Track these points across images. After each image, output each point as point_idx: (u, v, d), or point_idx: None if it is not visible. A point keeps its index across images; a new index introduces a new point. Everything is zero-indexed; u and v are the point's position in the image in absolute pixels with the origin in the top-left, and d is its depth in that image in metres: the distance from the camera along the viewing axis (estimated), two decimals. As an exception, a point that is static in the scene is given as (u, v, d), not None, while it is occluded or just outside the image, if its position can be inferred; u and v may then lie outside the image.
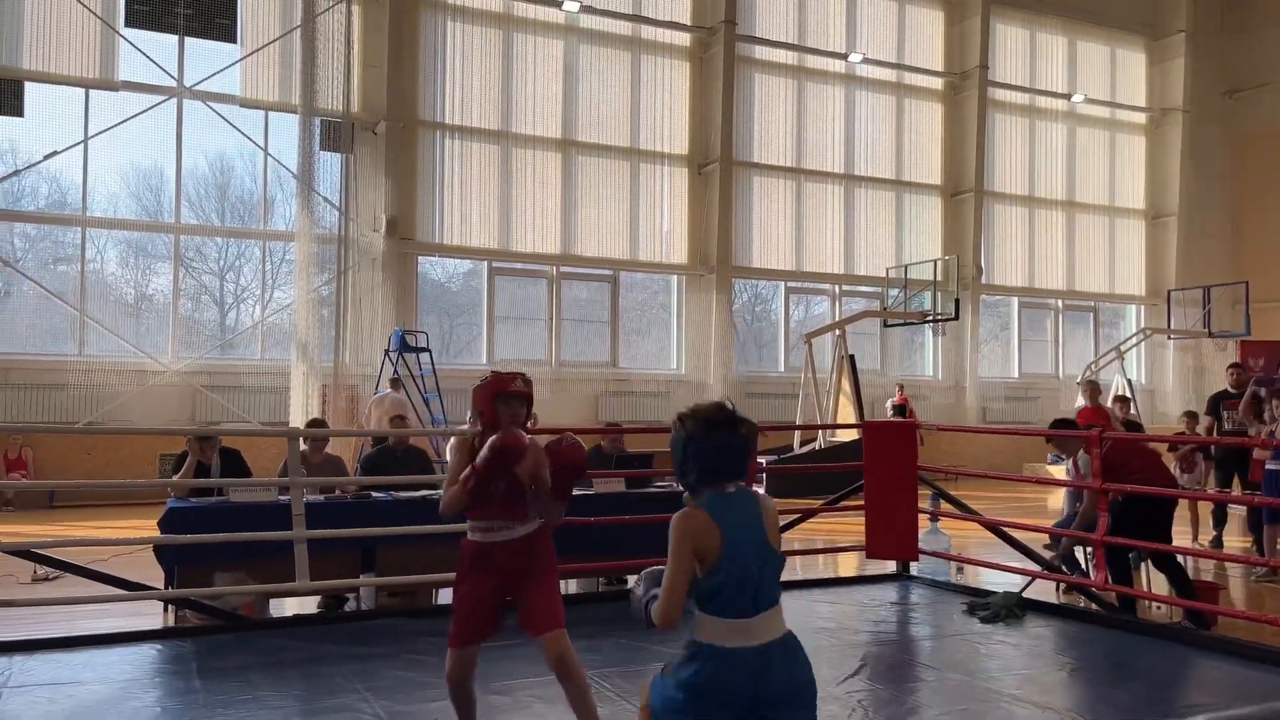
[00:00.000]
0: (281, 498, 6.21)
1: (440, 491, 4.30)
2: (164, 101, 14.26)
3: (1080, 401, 11.01)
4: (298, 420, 13.19)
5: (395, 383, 13.31)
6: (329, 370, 13.86)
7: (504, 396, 3.52)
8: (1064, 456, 7.58)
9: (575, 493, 7.03)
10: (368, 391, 14.07)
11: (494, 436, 3.38)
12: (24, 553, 6.23)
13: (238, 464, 6.92)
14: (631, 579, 7.47)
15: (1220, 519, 9.44)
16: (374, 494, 6.79)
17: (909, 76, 19.68)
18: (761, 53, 18.30)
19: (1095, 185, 21.68)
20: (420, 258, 16.07)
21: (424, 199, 15.87)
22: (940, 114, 20.04)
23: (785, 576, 7.84)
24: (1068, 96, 21.10)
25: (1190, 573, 7.62)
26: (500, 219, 16.44)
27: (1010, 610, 6.23)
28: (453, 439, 3.94)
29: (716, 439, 2.54)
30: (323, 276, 14.31)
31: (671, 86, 17.75)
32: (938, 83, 19.97)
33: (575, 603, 6.75)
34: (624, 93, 17.38)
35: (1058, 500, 9.90)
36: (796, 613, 6.47)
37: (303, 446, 6.89)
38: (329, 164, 14.67)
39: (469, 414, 3.21)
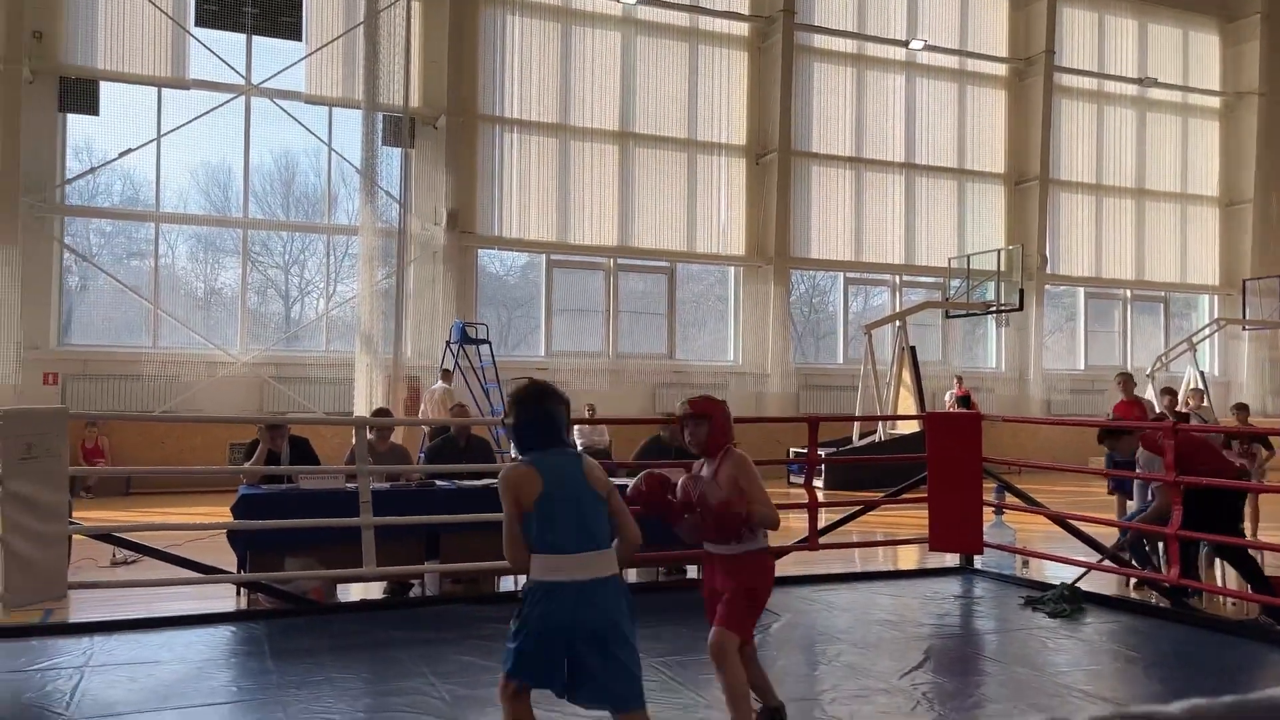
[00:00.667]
0: (349, 485, 6.35)
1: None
2: (233, 99, 14.60)
3: (1117, 395, 10.71)
4: (361, 410, 13.43)
5: (446, 375, 13.48)
6: (391, 362, 14.09)
7: None
8: (1118, 456, 7.32)
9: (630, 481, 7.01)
10: (429, 382, 14.28)
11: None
12: (104, 537, 6.45)
13: (306, 452, 7.08)
14: (691, 569, 7.49)
15: (1298, 514, 9.15)
16: (438, 483, 6.90)
17: (972, 63, 19.33)
18: (820, 41, 18.12)
19: (1166, 172, 21.09)
20: (480, 251, 16.25)
21: (483, 192, 16.04)
22: (1004, 101, 19.66)
23: (844, 569, 7.81)
24: (1138, 81, 20.55)
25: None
26: (558, 212, 16.54)
27: (1068, 601, 6.14)
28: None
29: (538, 410, 3.04)
30: (385, 270, 14.54)
31: (729, 77, 17.67)
32: (1002, 69, 19.58)
33: (636, 592, 6.80)
34: (681, 84, 17.35)
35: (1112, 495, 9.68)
36: (857, 605, 6.45)
37: (369, 435, 7.03)
38: (391, 159, 14.89)
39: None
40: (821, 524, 7.29)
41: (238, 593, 6.50)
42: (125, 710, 4.16)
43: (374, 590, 6.85)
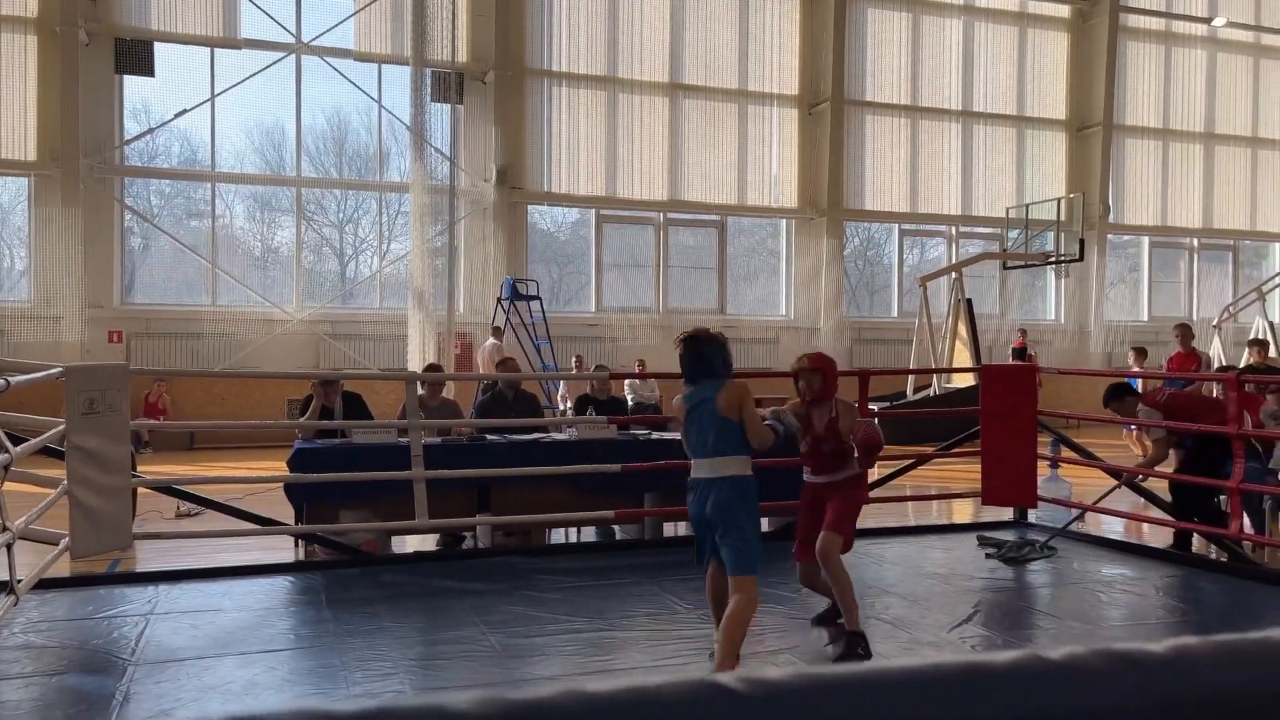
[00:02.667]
0: (401, 439, 6.44)
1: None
2: (284, 58, 14.69)
3: (1174, 348, 10.40)
4: (415, 366, 13.61)
5: (497, 331, 13.59)
6: (444, 318, 14.22)
7: None
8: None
9: (668, 437, 7.02)
10: (482, 339, 14.40)
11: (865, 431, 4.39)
12: (166, 490, 6.64)
13: (359, 407, 7.19)
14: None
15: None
16: (489, 437, 6.98)
17: (1033, 5, 18.69)
18: (876, -14, 17.65)
19: (1237, 116, 20.27)
20: (532, 208, 16.25)
21: (532, 148, 15.99)
22: (1066, 44, 19.00)
23: (897, 523, 7.75)
24: (1208, 21, 19.70)
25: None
26: (607, 166, 16.44)
27: (1028, 552, 6.27)
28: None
29: (693, 350, 3.89)
30: (436, 227, 14.62)
31: (780, 25, 17.31)
32: (1064, 10, 18.91)
33: (686, 545, 6.83)
34: (732, 33, 17.04)
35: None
36: (908, 558, 6.41)
37: (420, 390, 7.11)
38: (440, 115, 14.89)
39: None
40: (873, 478, 7.23)
41: (295, 544, 6.66)
42: (188, 656, 4.30)
43: (428, 543, 6.98)
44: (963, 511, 8.47)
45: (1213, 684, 0.54)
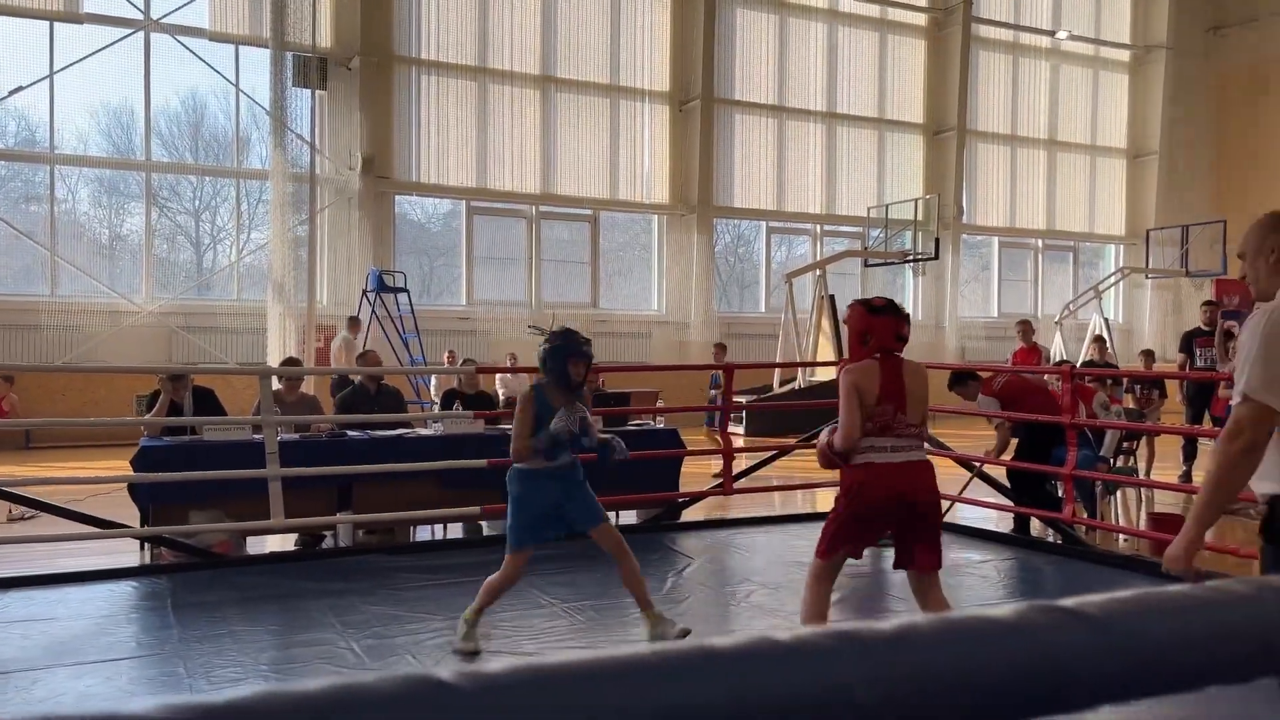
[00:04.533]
0: (255, 436, 6.20)
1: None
2: (130, 35, 13.90)
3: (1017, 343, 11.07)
4: (274, 360, 13.10)
5: (353, 323, 13.17)
6: (305, 311, 13.75)
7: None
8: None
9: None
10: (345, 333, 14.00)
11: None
12: (-2, 492, 6.20)
13: (211, 403, 6.88)
14: (609, 515, 7.54)
15: (1189, 454, 9.57)
16: (350, 433, 6.79)
17: (892, 12, 19.39)
18: (743, -13, 17.97)
19: (1078, 124, 21.56)
20: (399, 198, 15.88)
21: (400, 137, 15.63)
22: (924, 51, 19.80)
23: (764, 512, 7.89)
24: (1052, 33, 20.87)
25: (1154, 506, 7.75)
26: (478, 158, 16.22)
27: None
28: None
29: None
30: (299, 216, 14.12)
31: (652, 22, 17.43)
32: (921, 19, 19.69)
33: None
34: (604, 28, 17.06)
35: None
36: (773, 547, 6.57)
37: (277, 385, 6.86)
38: (302, 101, 14.38)
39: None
40: (738, 468, 7.38)
41: (141, 548, 6.32)
42: (15, 668, 4.02)
43: (286, 544, 6.74)
44: (827, 501, 8.74)
45: (933, 660, 0.57)
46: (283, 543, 6.72)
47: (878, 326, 3.69)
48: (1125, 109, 22.02)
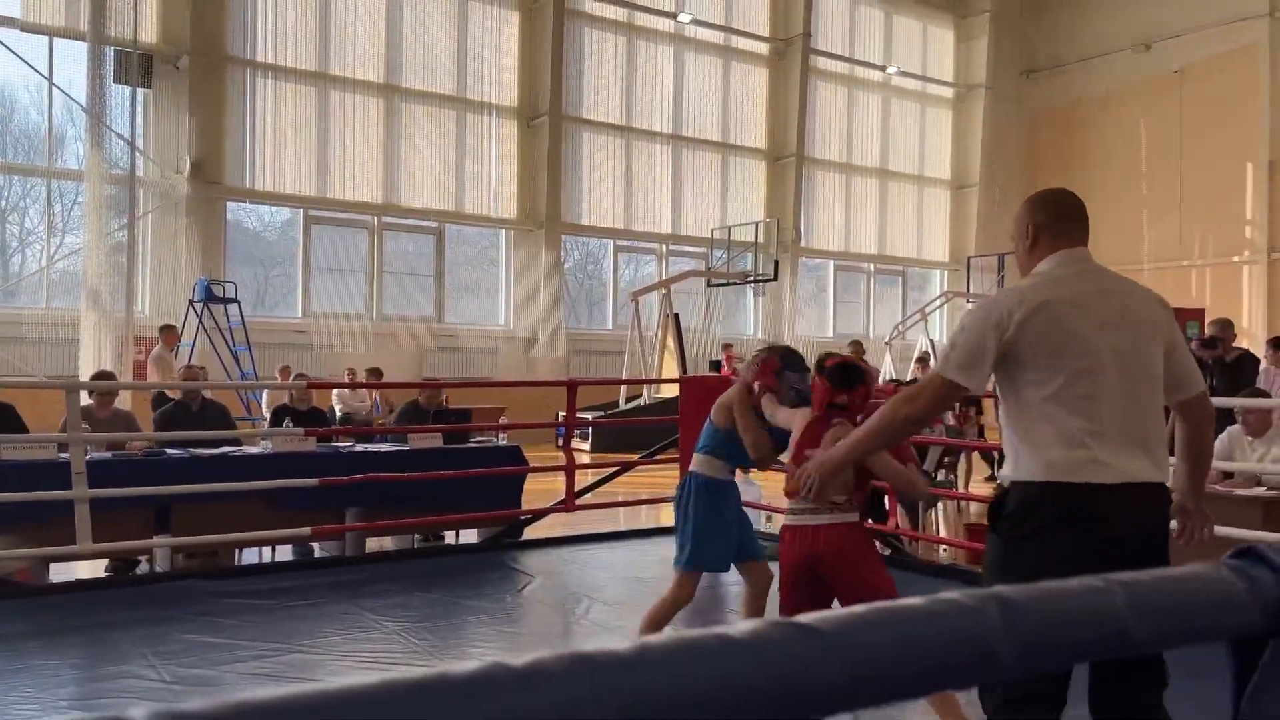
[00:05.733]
0: (62, 455, 5.76)
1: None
2: (-73, 19, 12.77)
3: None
4: (88, 373, 12.24)
5: (167, 332, 12.00)
6: (123, 321, 12.92)
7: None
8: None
9: (390, 449, 6.86)
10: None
11: None
12: None
13: (10, 419, 6.36)
14: (449, 535, 7.39)
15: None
16: (169, 451, 6.40)
17: (736, 40, 20.00)
18: (592, 6, 18.13)
19: (906, 155, 22.78)
20: (232, 205, 15.18)
21: (233, 141, 14.94)
22: (765, 79, 20.49)
23: (610, 528, 7.90)
24: (883, 69, 22.00)
25: (970, 518, 8.24)
26: (318, 165, 15.69)
27: None
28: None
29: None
30: (119, 220, 13.28)
31: (500, 37, 17.35)
32: (763, 48, 20.38)
33: (392, 559, 6.62)
34: (451, 40, 16.86)
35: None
36: (615, 563, 6.59)
37: (89, 400, 6.41)
38: (124, 98, 13.55)
39: None
40: (579, 484, 7.38)
41: (-74, 578, 5.75)
42: None
43: (97, 570, 6.28)
44: (669, 516, 8.84)
45: (667, 679, 0.58)
46: (93, 569, 6.26)
47: (814, 386, 3.44)
48: (949, 142, 23.43)
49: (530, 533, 7.27)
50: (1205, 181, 20.37)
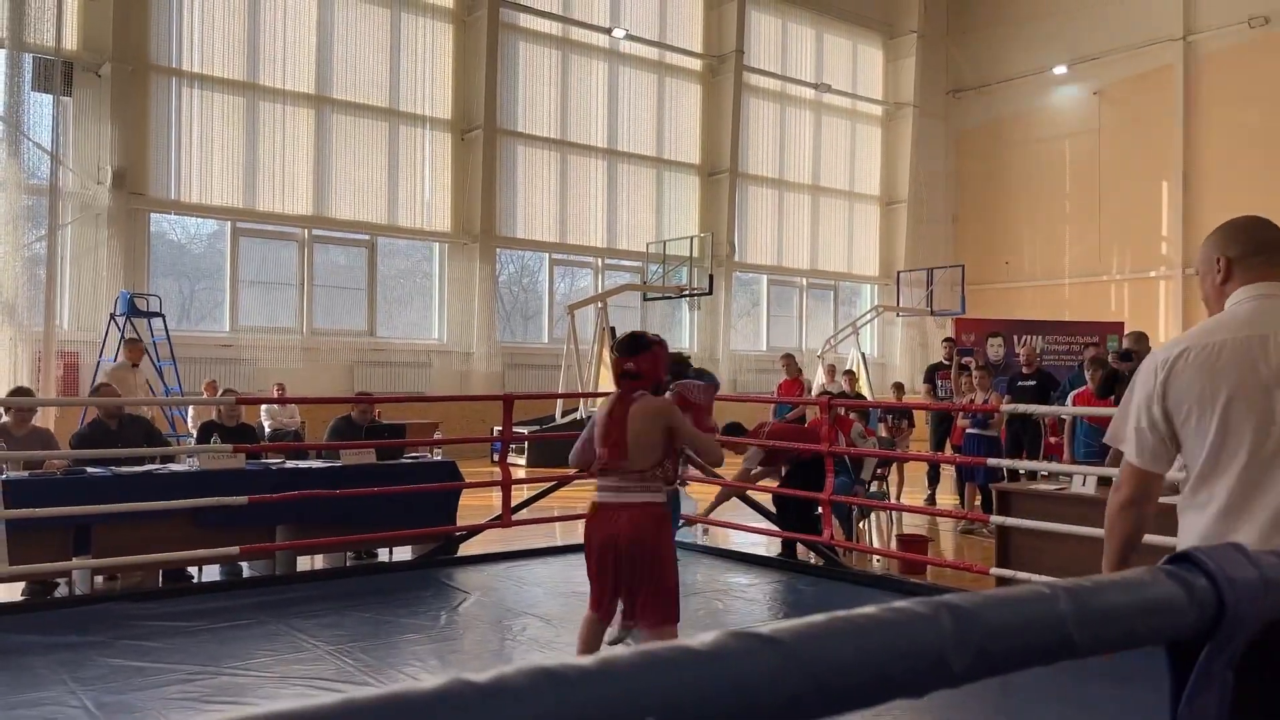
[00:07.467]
0: (-26, 475, 5.53)
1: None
2: None
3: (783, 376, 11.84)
4: (4, 391, 11.78)
5: (130, 345, 11.57)
6: (41, 335, 12.48)
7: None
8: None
9: (322, 465, 6.73)
10: (91, 358, 12.82)
11: None
12: None
13: (-80, 438, 6.08)
14: (382, 552, 7.26)
15: (933, 478, 10.39)
16: (89, 469, 6.19)
17: (670, 56, 20.16)
18: (526, 21, 18.11)
19: (837, 171, 23.18)
20: (157, 217, 14.78)
21: (157, 151, 14.56)
22: (699, 95, 20.68)
23: (546, 543, 7.87)
24: (814, 86, 22.37)
25: (902, 527, 8.36)
26: (246, 177, 15.37)
27: None
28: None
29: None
30: (37, 232, 12.83)
31: (433, 48, 17.22)
32: (697, 64, 20.58)
33: (323, 578, 6.48)
34: (383, 51, 16.68)
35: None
36: (552, 579, 6.54)
37: (5, 418, 6.16)
38: (43, 107, 13.13)
39: None
40: (516, 499, 7.32)
41: None
42: None
43: (12, 593, 6.03)
44: (603, 530, 8.81)
45: (628, 693, 0.58)
46: (9, 593, 6.01)
47: (612, 363, 3.64)
48: (879, 159, 23.91)
49: (465, 549, 7.19)
50: (1123, 199, 21.13)
